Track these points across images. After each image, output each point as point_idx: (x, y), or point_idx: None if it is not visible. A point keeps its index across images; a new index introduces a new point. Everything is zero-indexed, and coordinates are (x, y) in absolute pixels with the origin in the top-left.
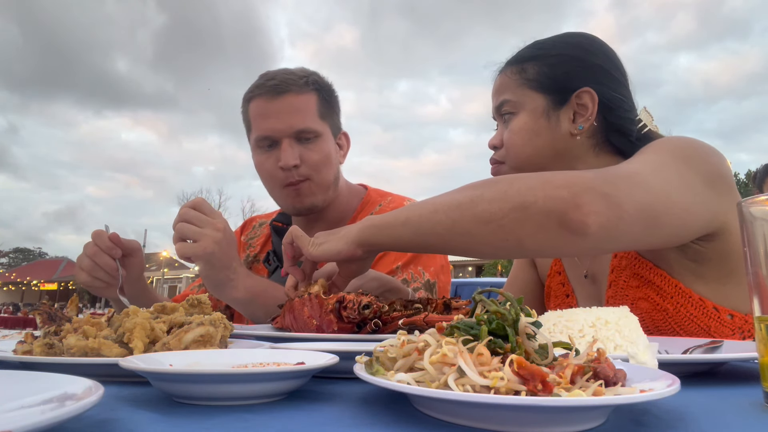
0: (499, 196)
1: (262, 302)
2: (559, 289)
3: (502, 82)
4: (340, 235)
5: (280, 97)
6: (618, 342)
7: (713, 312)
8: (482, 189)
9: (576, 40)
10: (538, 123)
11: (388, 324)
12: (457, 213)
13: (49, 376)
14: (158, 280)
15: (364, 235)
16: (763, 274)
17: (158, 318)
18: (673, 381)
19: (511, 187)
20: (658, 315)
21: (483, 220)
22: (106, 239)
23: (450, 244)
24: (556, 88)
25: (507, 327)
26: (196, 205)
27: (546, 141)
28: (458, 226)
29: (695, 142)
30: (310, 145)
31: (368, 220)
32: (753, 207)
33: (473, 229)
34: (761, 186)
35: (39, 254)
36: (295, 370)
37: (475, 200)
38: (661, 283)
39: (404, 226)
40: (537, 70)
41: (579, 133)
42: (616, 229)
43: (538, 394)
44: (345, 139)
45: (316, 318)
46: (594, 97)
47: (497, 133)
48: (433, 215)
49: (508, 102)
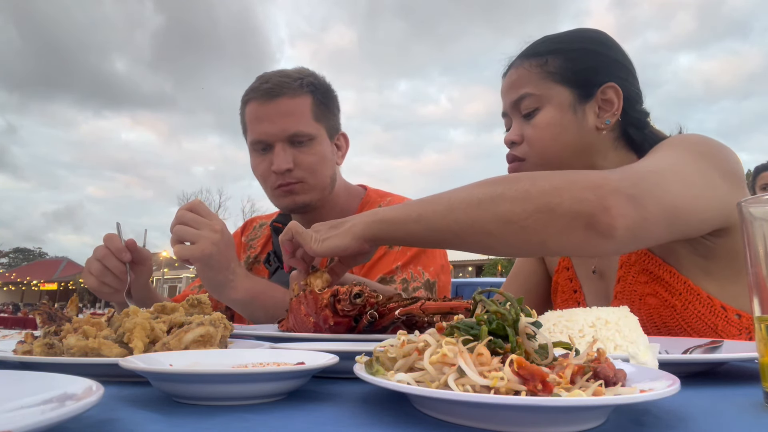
0: (522, 196)
1: (261, 303)
2: (567, 284)
3: (521, 75)
4: (344, 229)
5: (274, 100)
6: (618, 342)
7: (720, 311)
8: (503, 187)
9: (593, 35)
10: (566, 117)
11: (385, 316)
12: (477, 211)
13: (49, 376)
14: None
15: (372, 229)
16: (763, 274)
17: (158, 318)
18: (673, 381)
19: (534, 187)
20: (666, 311)
21: (505, 220)
22: (117, 241)
23: (467, 242)
24: (580, 82)
25: (507, 327)
26: (193, 207)
27: (573, 136)
28: (478, 225)
29: (709, 138)
30: (303, 149)
31: (374, 214)
32: (753, 207)
33: (495, 229)
34: (753, 187)
35: (39, 254)
36: (295, 370)
37: (495, 199)
38: (670, 280)
39: (417, 222)
40: (559, 63)
41: (605, 128)
42: (642, 230)
43: (538, 394)
44: (343, 140)
45: (313, 315)
46: (619, 92)
47: (514, 128)
48: (449, 212)
49: (531, 96)
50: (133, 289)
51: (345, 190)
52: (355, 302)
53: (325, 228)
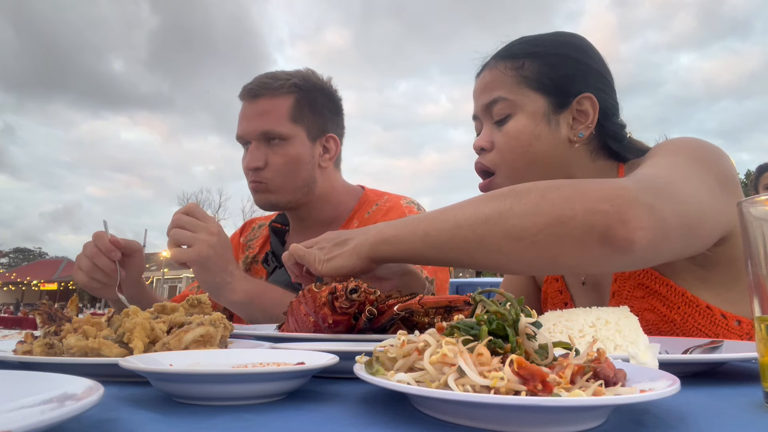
0: (532, 210)
1: (259, 304)
2: (557, 296)
3: (495, 78)
4: (350, 248)
5: (255, 100)
6: (618, 342)
7: (721, 319)
8: (511, 201)
9: (573, 41)
10: (539, 127)
11: (384, 312)
12: (485, 228)
13: (49, 376)
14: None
15: (378, 250)
16: (763, 275)
17: (158, 318)
18: (673, 381)
19: (544, 200)
20: (666, 326)
21: (514, 237)
22: (106, 241)
23: (478, 261)
24: (556, 90)
25: (507, 327)
26: (189, 211)
27: (546, 147)
28: (487, 243)
29: (705, 143)
30: (276, 149)
31: (379, 233)
32: (753, 207)
33: (504, 247)
34: (756, 187)
35: (39, 254)
36: (295, 370)
37: (504, 214)
38: (667, 293)
39: (423, 241)
40: (536, 68)
41: (578, 141)
42: (662, 244)
43: (538, 394)
44: (333, 143)
45: (312, 314)
46: (595, 103)
47: (484, 133)
48: (456, 230)
49: (504, 101)
50: (125, 285)
51: (343, 190)
52: (351, 298)
53: (329, 245)
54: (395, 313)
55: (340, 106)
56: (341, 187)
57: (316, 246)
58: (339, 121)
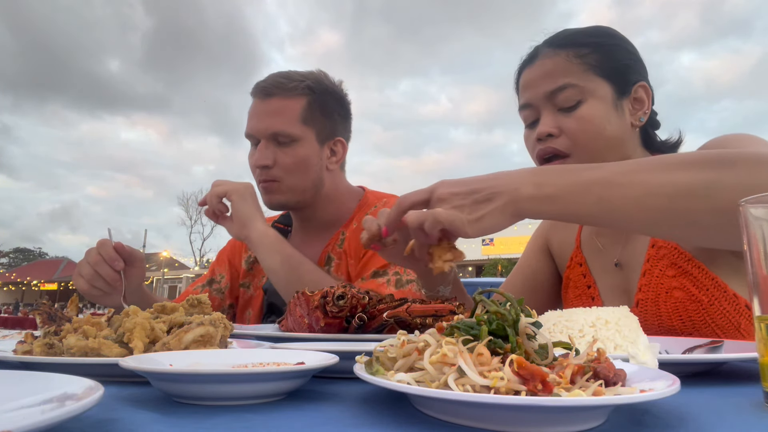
0: (746, 182)
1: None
2: (580, 280)
3: (559, 65)
4: (499, 205)
5: (267, 99)
6: (618, 342)
7: (744, 310)
8: (716, 172)
9: (619, 33)
10: (609, 111)
11: (375, 318)
12: (687, 201)
13: (49, 376)
14: (158, 280)
15: (531, 206)
16: (763, 274)
17: (158, 318)
18: (673, 381)
19: (756, 172)
20: (692, 306)
21: (722, 210)
22: (110, 249)
23: (663, 232)
24: (618, 78)
25: (507, 327)
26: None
27: (616, 130)
28: (690, 216)
29: None
30: (285, 149)
31: (538, 187)
32: (753, 207)
33: (708, 221)
34: None
35: (39, 254)
36: (295, 370)
37: (710, 187)
38: (699, 275)
39: (597, 204)
40: (600, 57)
41: (639, 125)
42: None
43: (538, 394)
44: (341, 146)
45: (306, 316)
46: (649, 91)
47: (548, 120)
48: (646, 198)
49: (574, 87)
50: (127, 293)
51: (345, 191)
52: (338, 304)
53: (467, 202)
54: (384, 319)
55: (349, 110)
56: (344, 188)
57: (446, 204)
58: (347, 125)
